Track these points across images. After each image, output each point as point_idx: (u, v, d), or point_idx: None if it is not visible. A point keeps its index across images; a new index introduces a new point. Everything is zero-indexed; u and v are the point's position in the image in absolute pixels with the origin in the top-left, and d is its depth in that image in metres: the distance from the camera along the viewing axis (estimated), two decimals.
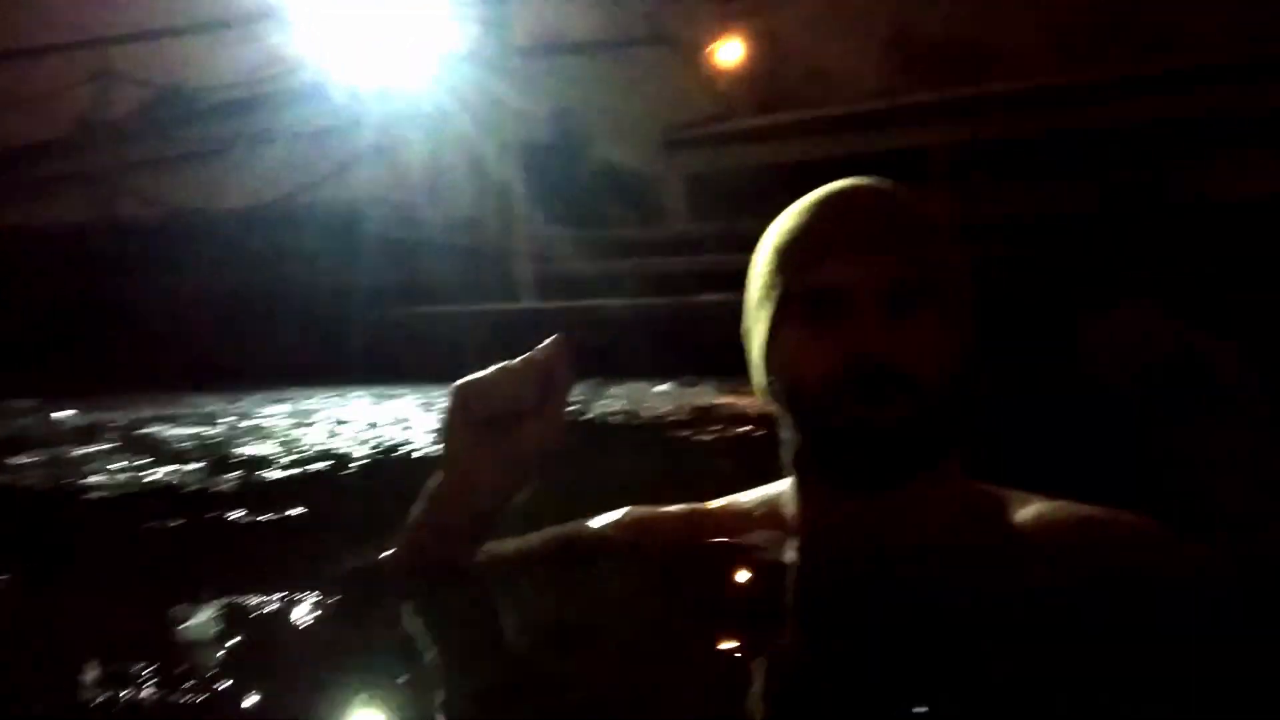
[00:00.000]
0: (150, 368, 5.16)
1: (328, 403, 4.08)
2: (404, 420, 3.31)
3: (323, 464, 2.33)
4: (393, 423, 3.24)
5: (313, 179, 7.06)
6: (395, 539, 0.98)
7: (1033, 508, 0.96)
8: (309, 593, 0.96)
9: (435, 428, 3.06)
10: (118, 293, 5.99)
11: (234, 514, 1.69)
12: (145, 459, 2.31)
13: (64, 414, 3.54)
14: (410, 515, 0.98)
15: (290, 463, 2.33)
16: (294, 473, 2.19)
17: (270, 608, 0.94)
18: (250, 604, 0.96)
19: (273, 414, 3.60)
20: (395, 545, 0.99)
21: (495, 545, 1.01)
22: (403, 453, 2.56)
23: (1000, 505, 0.98)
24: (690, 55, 15.53)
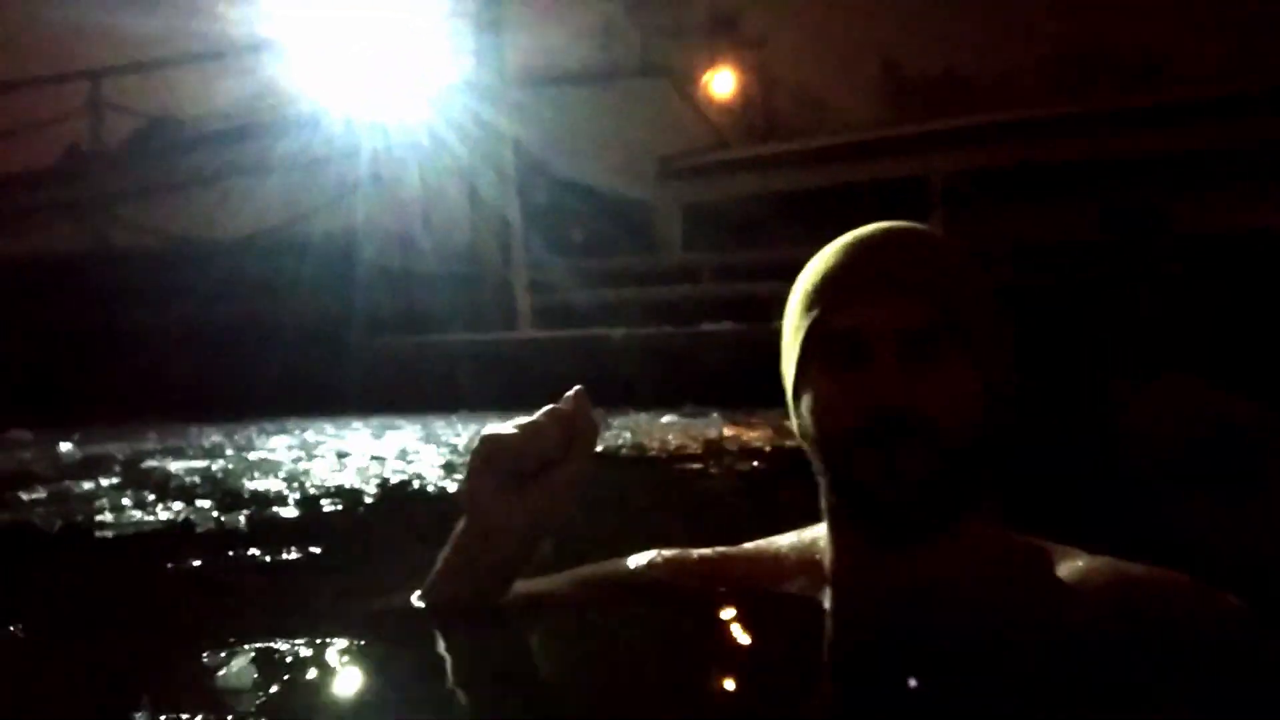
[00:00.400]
0: (146, 398, 5.12)
1: (328, 435, 4.05)
2: (407, 454, 3.28)
3: (332, 500, 2.29)
4: (396, 456, 3.20)
5: (309, 208, 7.06)
6: (425, 582, 0.97)
7: (1073, 562, 0.93)
8: (338, 636, 0.94)
9: (443, 463, 3.03)
10: (112, 322, 5.96)
11: (250, 554, 1.65)
12: (152, 495, 2.28)
13: (64, 447, 3.49)
14: (438, 559, 0.97)
15: (300, 499, 2.29)
16: (305, 510, 2.16)
17: (303, 652, 0.92)
18: (281, 649, 0.93)
19: (275, 446, 3.56)
20: (424, 588, 0.98)
21: (525, 585, 1.00)
22: (412, 490, 2.53)
23: (1039, 558, 0.95)
24: (684, 86, 15.71)
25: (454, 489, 2.50)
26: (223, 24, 7.27)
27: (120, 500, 2.20)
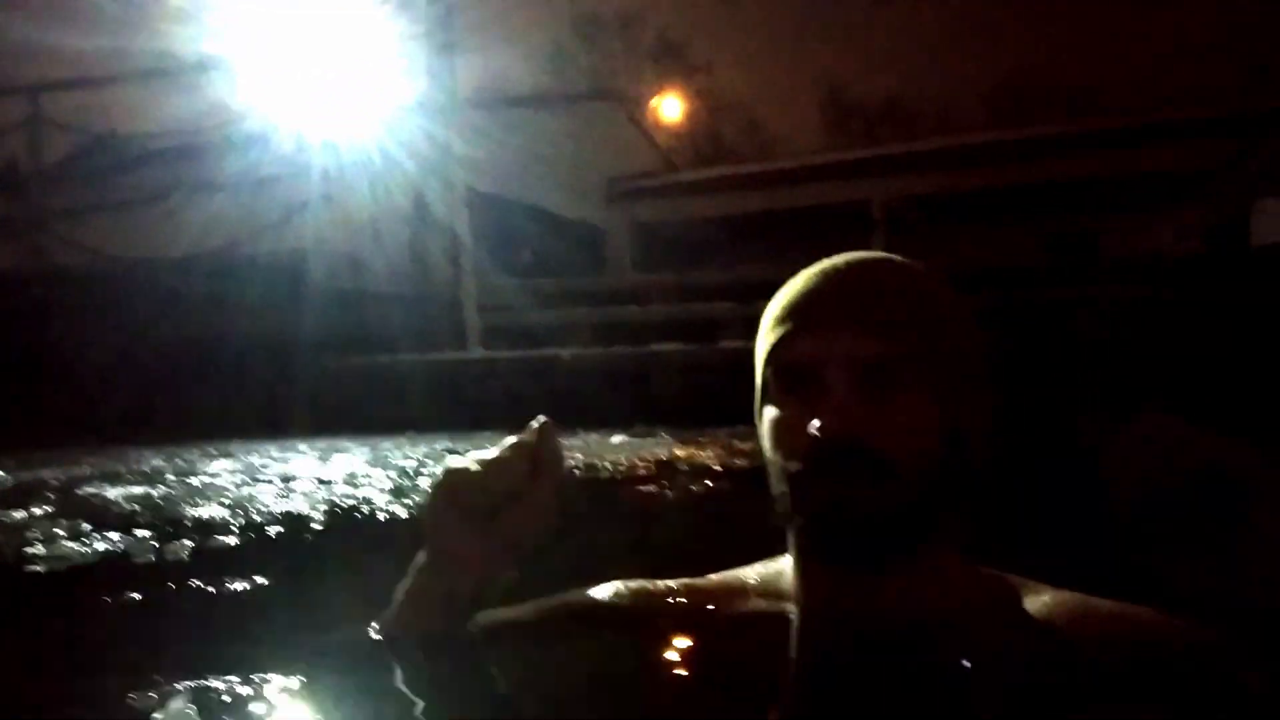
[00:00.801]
0: (82, 420, 4.96)
1: (273, 458, 3.96)
2: (355, 477, 3.22)
3: (278, 528, 2.25)
4: (344, 480, 3.15)
5: (257, 227, 6.94)
6: (382, 614, 0.95)
7: (1039, 596, 0.93)
8: (285, 671, 0.91)
9: (392, 487, 2.99)
10: (47, 342, 5.78)
11: (191, 586, 1.61)
12: (88, 524, 2.20)
13: None
14: (397, 591, 0.95)
15: (244, 526, 2.24)
16: (250, 538, 2.11)
17: (244, 691, 0.89)
18: (222, 687, 0.90)
19: (218, 471, 3.48)
20: (381, 620, 0.95)
21: (486, 616, 0.99)
22: (361, 515, 2.49)
23: (1005, 591, 0.95)
24: (633, 110, 15.81)
25: (404, 514, 2.46)
26: (169, 41, 7.14)
27: (53, 530, 2.13)
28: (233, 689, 0.89)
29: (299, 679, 0.90)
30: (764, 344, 0.96)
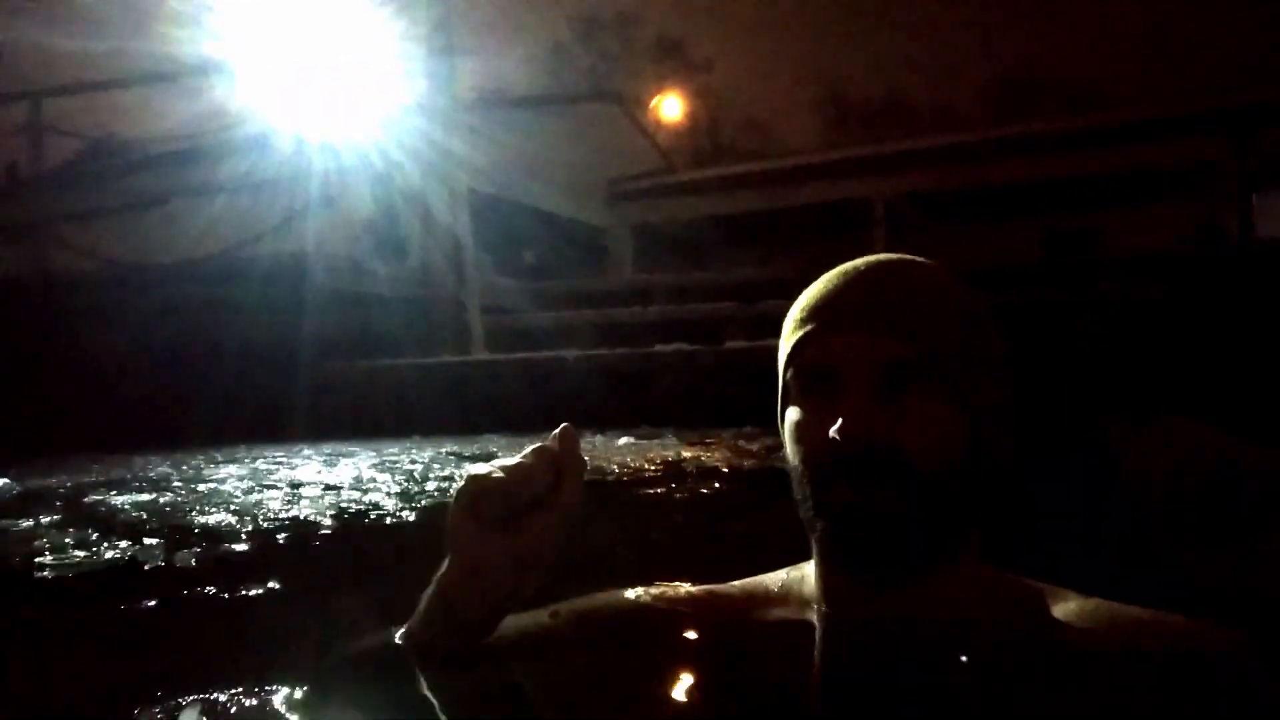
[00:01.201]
0: (85, 426, 4.96)
1: (279, 463, 3.96)
2: (362, 482, 3.21)
3: (288, 534, 2.24)
4: (351, 485, 3.14)
5: (258, 231, 6.94)
6: (407, 623, 0.94)
7: (1066, 603, 0.92)
8: (299, 682, 0.89)
9: (400, 491, 2.98)
10: (51, 348, 5.78)
11: (201, 593, 1.60)
12: (95, 532, 2.19)
13: None
14: (421, 600, 0.94)
15: (253, 533, 2.23)
16: (259, 544, 2.10)
17: (254, 700, 0.88)
18: (235, 697, 0.89)
19: (224, 477, 3.47)
20: (405, 629, 0.94)
21: (510, 622, 0.98)
22: (370, 520, 2.48)
23: (1032, 597, 0.94)
24: (633, 110, 15.80)
25: (413, 518, 2.45)
26: (170, 45, 7.14)
27: (62, 539, 2.11)
28: (240, 699, 0.88)
29: (310, 689, 0.89)
30: (785, 346, 0.96)
